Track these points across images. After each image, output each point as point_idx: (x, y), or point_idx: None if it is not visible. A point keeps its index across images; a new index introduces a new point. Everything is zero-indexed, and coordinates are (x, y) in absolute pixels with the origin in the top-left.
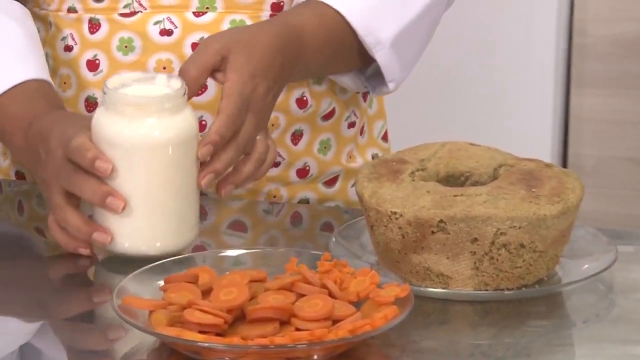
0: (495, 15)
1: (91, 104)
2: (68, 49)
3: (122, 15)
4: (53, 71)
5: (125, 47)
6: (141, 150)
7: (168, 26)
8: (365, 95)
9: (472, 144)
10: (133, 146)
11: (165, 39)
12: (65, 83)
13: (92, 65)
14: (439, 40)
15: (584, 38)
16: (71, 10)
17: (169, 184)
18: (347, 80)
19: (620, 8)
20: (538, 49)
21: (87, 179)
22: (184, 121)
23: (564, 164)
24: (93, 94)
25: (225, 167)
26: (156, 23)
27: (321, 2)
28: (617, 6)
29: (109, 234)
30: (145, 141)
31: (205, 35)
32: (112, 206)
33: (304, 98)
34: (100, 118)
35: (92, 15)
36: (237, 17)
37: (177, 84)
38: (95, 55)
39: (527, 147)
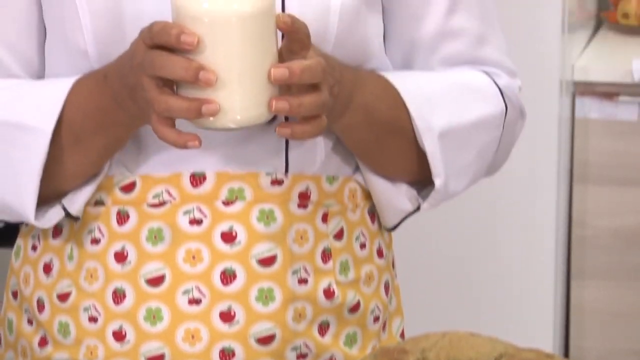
0: (496, 207)
1: (119, 297)
2: (95, 241)
3: (152, 205)
4: (78, 265)
5: (155, 237)
6: (222, 23)
7: (197, 216)
8: (386, 289)
9: (473, 334)
10: (214, 19)
11: (195, 228)
12: (91, 276)
13: (120, 257)
14: (440, 232)
15: (584, 230)
16: (98, 203)
17: (251, 55)
18: (395, 192)
19: (619, 200)
20: (538, 241)
21: (175, 58)
22: None
23: (566, 355)
24: (121, 286)
25: (297, 107)
26: (186, 213)
27: (381, 75)
28: (615, 198)
29: (216, 103)
30: (225, 13)
31: (235, 224)
32: (204, 79)
33: (331, 289)
34: None
35: (121, 207)
36: (267, 206)
37: None
38: (124, 247)
39: (528, 337)
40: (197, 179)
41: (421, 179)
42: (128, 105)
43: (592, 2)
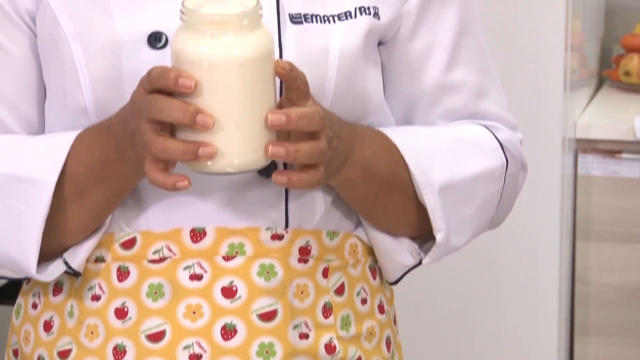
0: (499, 263)
1: (120, 353)
2: (95, 298)
3: (152, 261)
4: (79, 322)
5: (155, 293)
6: (221, 68)
7: (198, 271)
8: (388, 345)
9: None
10: (213, 64)
11: (195, 283)
12: (92, 333)
13: (121, 313)
14: (441, 287)
15: (587, 286)
16: (99, 259)
17: (249, 100)
18: (396, 246)
19: (622, 257)
20: (541, 297)
21: (173, 101)
22: (261, 37)
23: None
24: (121, 342)
25: (294, 153)
26: (186, 268)
27: (379, 131)
28: (618, 255)
29: (213, 146)
30: (225, 58)
31: (235, 279)
32: (202, 123)
33: (332, 344)
34: (180, 38)
35: (121, 263)
36: (267, 261)
37: (251, 1)
38: (124, 303)
39: None
40: (197, 235)
41: (422, 233)
42: (129, 154)
43: (594, 61)
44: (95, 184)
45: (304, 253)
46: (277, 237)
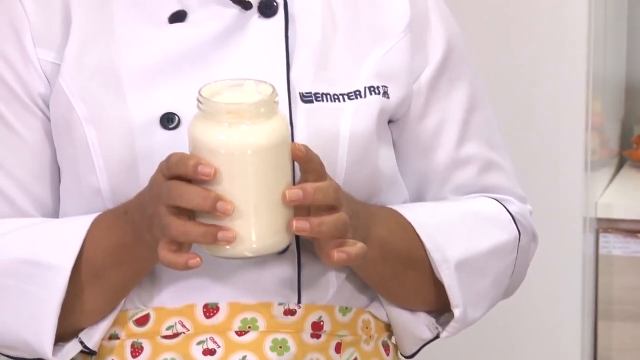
0: (521, 344)
1: None
2: None
3: (165, 337)
4: None
5: None
6: (239, 156)
7: (211, 346)
8: None
9: None
10: (231, 152)
11: (208, 358)
12: None
13: None
14: None
15: None
16: (113, 337)
17: (266, 186)
18: (414, 321)
19: None
20: None
21: (193, 187)
22: (277, 124)
23: None
24: None
25: (318, 226)
26: (199, 343)
27: (392, 209)
28: None
29: (232, 231)
30: (242, 146)
31: (248, 354)
32: (222, 210)
33: None
34: (197, 126)
35: (135, 340)
36: (279, 336)
37: (267, 89)
38: None
39: None
40: (211, 310)
41: (439, 308)
42: (146, 238)
43: (614, 141)
44: (112, 268)
45: (317, 328)
46: (289, 312)
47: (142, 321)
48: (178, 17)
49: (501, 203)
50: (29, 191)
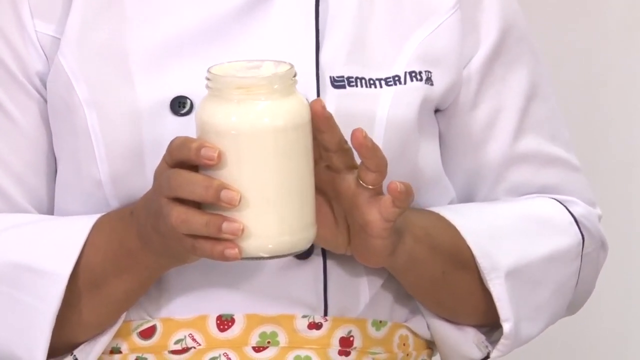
0: None
1: None
2: None
3: (174, 352)
4: None
5: None
6: (249, 137)
7: None
8: None
9: None
10: (240, 132)
11: None
12: None
13: None
14: None
15: None
16: (114, 351)
17: (282, 175)
18: (461, 338)
19: None
20: None
21: (194, 175)
22: (295, 104)
23: None
24: None
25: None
26: None
27: (430, 210)
28: None
29: (240, 222)
30: (254, 127)
31: None
32: (227, 199)
33: None
34: (205, 106)
35: (139, 355)
36: (302, 352)
37: (285, 67)
38: None
39: None
40: (225, 322)
41: (490, 322)
42: (152, 240)
43: None
44: (114, 276)
45: (346, 344)
46: (314, 325)
47: (148, 333)
48: None
49: (562, 204)
50: (22, 182)
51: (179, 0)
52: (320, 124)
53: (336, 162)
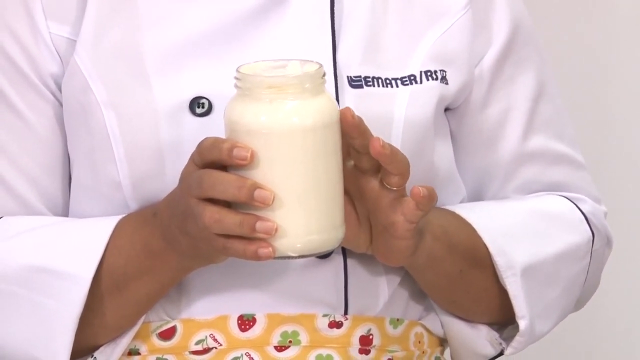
0: None
1: None
2: None
3: (194, 353)
4: None
5: None
6: (281, 136)
7: None
8: None
9: None
10: (272, 131)
11: None
12: None
13: None
14: None
15: None
16: (133, 352)
17: (312, 173)
18: (474, 335)
19: None
20: None
21: (227, 175)
22: (325, 103)
23: None
24: None
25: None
26: None
27: (445, 208)
28: None
29: (273, 222)
30: (285, 125)
31: None
32: (260, 198)
33: None
34: (234, 106)
35: (159, 356)
36: (324, 351)
37: (313, 66)
38: None
39: None
40: (246, 322)
41: (502, 320)
42: (179, 241)
43: None
44: (136, 279)
45: (365, 343)
46: (335, 324)
47: (168, 334)
48: None
49: (572, 201)
50: (37, 185)
51: (193, 3)
52: (351, 131)
53: (366, 163)
